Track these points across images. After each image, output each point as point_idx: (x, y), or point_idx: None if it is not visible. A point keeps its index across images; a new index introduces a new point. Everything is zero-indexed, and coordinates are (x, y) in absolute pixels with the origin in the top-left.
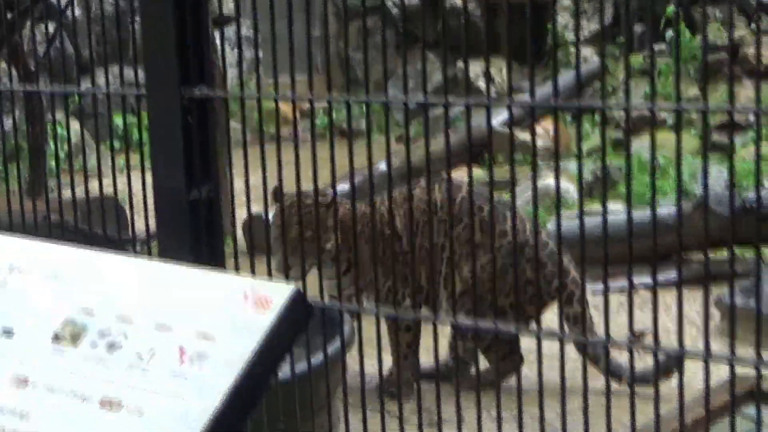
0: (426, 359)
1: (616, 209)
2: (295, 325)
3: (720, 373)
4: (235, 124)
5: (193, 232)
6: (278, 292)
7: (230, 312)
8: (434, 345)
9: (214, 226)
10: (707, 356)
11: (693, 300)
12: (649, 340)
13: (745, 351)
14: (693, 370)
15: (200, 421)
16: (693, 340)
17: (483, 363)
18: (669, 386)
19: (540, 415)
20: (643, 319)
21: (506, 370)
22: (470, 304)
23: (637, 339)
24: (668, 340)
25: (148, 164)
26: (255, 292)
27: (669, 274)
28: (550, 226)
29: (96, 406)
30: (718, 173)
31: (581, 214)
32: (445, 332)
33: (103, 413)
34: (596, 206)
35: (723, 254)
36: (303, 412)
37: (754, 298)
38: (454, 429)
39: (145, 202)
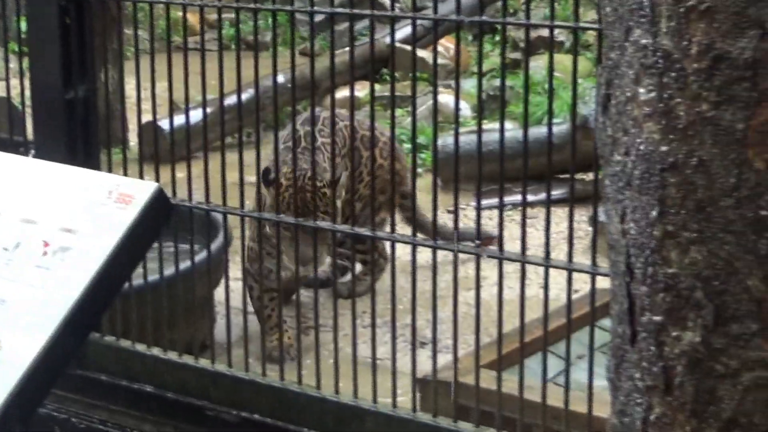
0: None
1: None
2: (156, 222)
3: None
4: (142, 33)
5: (69, 131)
6: (141, 190)
7: (94, 208)
8: (314, 253)
9: (90, 126)
10: (570, 267)
11: (579, 216)
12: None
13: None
14: (561, 283)
15: (61, 310)
16: (577, 255)
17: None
18: (537, 297)
19: (412, 324)
20: (536, 234)
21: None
22: (349, 212)
23: (483, 244)
24: (555, 253)
25: None
26: (118, 189)
27: (556, 191)
28: (444, 140)
29: None
30: None
31: (479, 131)
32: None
33: None
34: (490, 125)
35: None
36: (185, 308)
37: None
38: (331, 333)
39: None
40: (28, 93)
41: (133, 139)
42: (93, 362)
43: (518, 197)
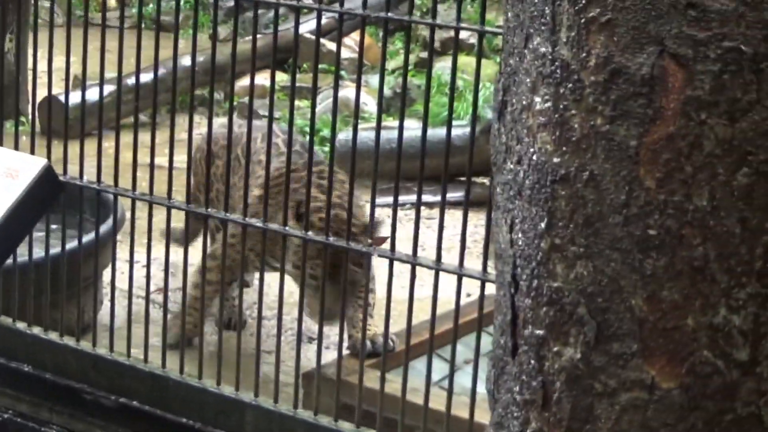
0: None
1: (412, 126)
2: (43, 199)
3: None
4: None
5: None
6: (29, 165)
7: None
8: (203, 240)
9: None
10: (460, 272)
11: (477, 220)
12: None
13: None
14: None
15: None
16: (472, 259)
17: None
18: (429, 299)
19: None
20: (432, 236)
21: None
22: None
23: (375, 243)
24: (448, 256)
25: None
26: (5, 163)
27: (454, 194)
28: (344, 135)
29: None
30: None
31: (378, 128)
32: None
33: None
34: (392, 122)
35: None
36: (70, 288)
37: None
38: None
39: None
40: None
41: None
42: None
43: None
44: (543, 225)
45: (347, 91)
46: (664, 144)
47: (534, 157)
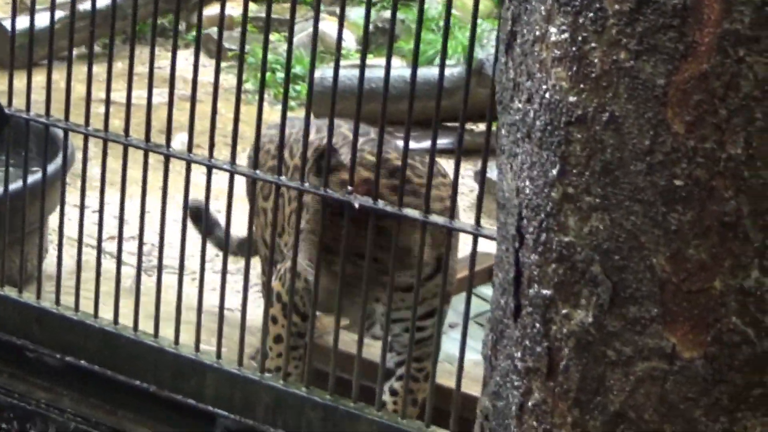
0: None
1: (396, 65)
2: None
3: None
4: None
5: None
6: None
7: None
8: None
9: None
10: (450, 225)
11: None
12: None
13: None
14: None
15: None
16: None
17: None
18: None
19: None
20: None
21: None
22: None
23: (356, 191)
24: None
25: None
26: None
27: (442, 140)
28: (323, 73)
29: None
30: None
31: (362, 66)
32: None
33: None
34: (376, 59)
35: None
36: (12, 233)
37: None
38: (176, 276)
39: None
40: None
41: None
42: None
43: (400, 143)
44: (554, 172)
45: (324, 25)
46: (695, 83)
47: (547, 95)
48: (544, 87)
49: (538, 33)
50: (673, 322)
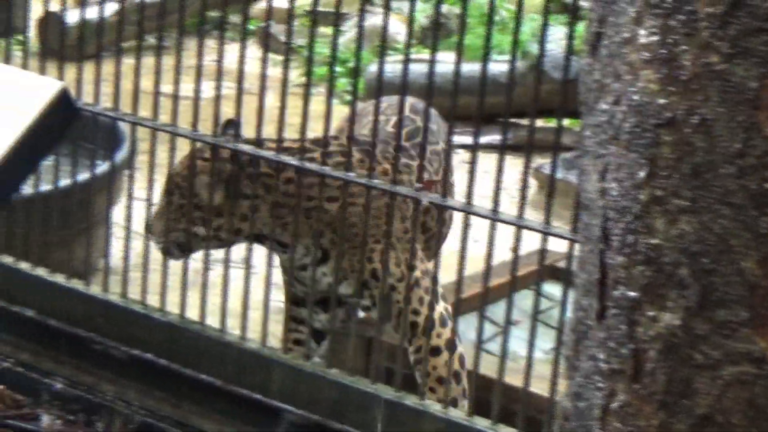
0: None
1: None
2: (57, 126)
3: (529, 244)
4: None
5: None
6: (44, 87)
7: None
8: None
9: None
10: (519, 222)
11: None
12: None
13: (559, 224)
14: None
15: None
16: (506, 207)
17: None
18: (479, 249)
19: None
20: (459, 180)
21: None
22: None
23: (424, 188)
24: (481, 204)
25: None
26: (17, 85)
27: (493, 137)
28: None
29: None
30: (562, 36)
31: (407, 60)
32: None
33: None
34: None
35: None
36: (79, 225)
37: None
38: (242, 270)
39: None
40: None
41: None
42: None
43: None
44: (642, 174)
45: (378, 18)
46: None
47: (635, 97)
48: (632, 89)
49: (626, 35)
50: (762, 326)
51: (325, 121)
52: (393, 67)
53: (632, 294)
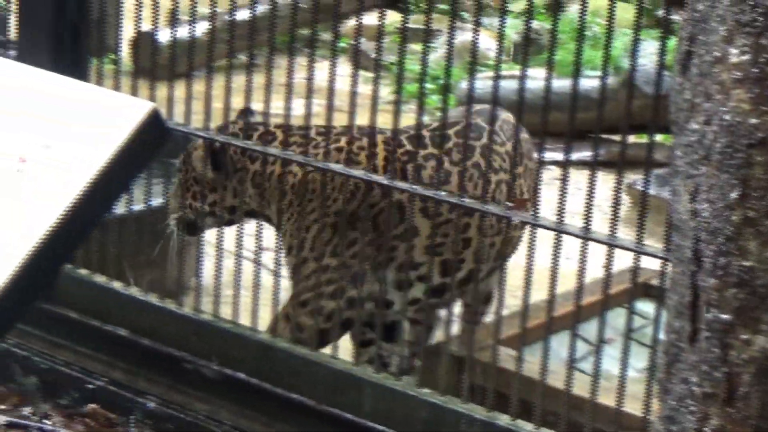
0: None
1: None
2: (148, 146)
3: (620, 261)
4: None
5: (56, 33)
6: (134, 108)
7: (79, 124)
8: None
9: (80, 30)
10: (612, 241)
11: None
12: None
13: (652, 241)
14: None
15: (34, 236)
16: (598, 223)
17: None
18: (571, 266)
19: None
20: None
21: None
22: None
23: (515, 207)
24: (573, 221)
25: None
26: (109, 105)
27: (585, 153)
28: (463, 85)
29: None
30: (655, 50)
31: (497, 76)
32: None
33: None
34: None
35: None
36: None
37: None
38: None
39: None
40: None
41: (126, 50)
42: (62, 297)
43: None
44: (735, 194)
45: (469, 35)
46: None
47: (726, 117)
48: (724, 109)
49: (717, 54)
50: None
51: (416, 140)
52: (483, 83)
53: (725, 317)
